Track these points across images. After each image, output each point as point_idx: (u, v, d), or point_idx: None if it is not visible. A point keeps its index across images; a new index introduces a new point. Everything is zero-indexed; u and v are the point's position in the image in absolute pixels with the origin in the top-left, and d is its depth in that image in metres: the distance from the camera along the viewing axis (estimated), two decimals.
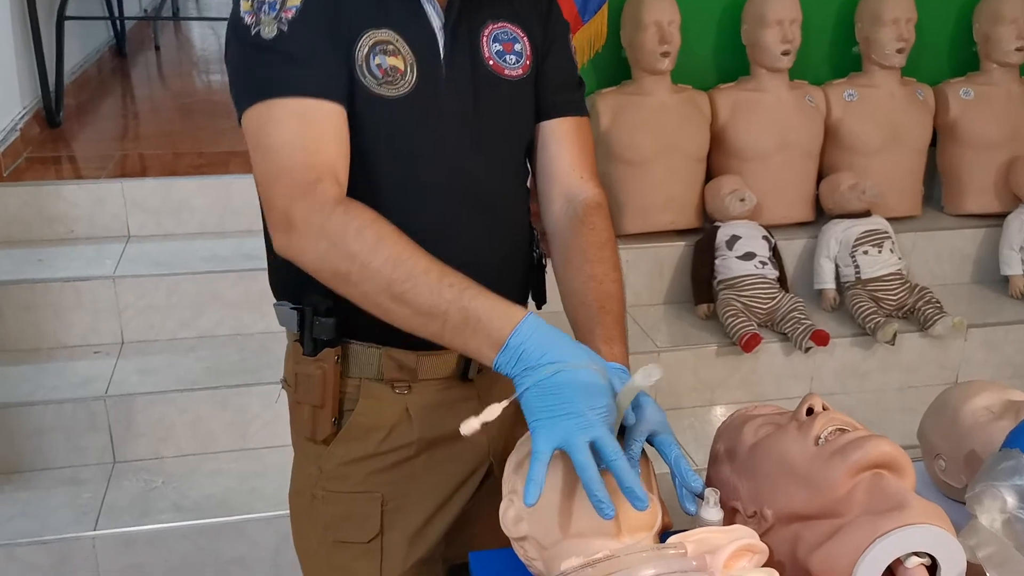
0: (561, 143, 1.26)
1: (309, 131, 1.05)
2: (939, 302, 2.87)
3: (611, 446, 0.92)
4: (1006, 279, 3.13)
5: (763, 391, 2.82)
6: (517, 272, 1.28)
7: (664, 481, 1.06)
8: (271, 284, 1.27)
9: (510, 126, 1.22)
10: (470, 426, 0.95)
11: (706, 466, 1.16)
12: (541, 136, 1.26)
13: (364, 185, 1.10)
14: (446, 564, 1.28)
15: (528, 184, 1.31)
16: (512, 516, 1.04)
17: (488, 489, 1.28)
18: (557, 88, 1.26)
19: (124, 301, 2.56)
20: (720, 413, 2.78)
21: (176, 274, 2.59)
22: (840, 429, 1.01)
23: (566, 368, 0.93)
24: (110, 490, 2.25)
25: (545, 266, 1.33)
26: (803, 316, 2.74)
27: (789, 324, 2.74)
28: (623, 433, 1.03)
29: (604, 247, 1.22)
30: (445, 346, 1.03)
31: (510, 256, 1.26)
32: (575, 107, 1.27)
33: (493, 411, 0.95)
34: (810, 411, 1.05)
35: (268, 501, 2.19)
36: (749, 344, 2.66)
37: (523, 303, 1.31)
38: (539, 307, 1.34)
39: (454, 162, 1.16)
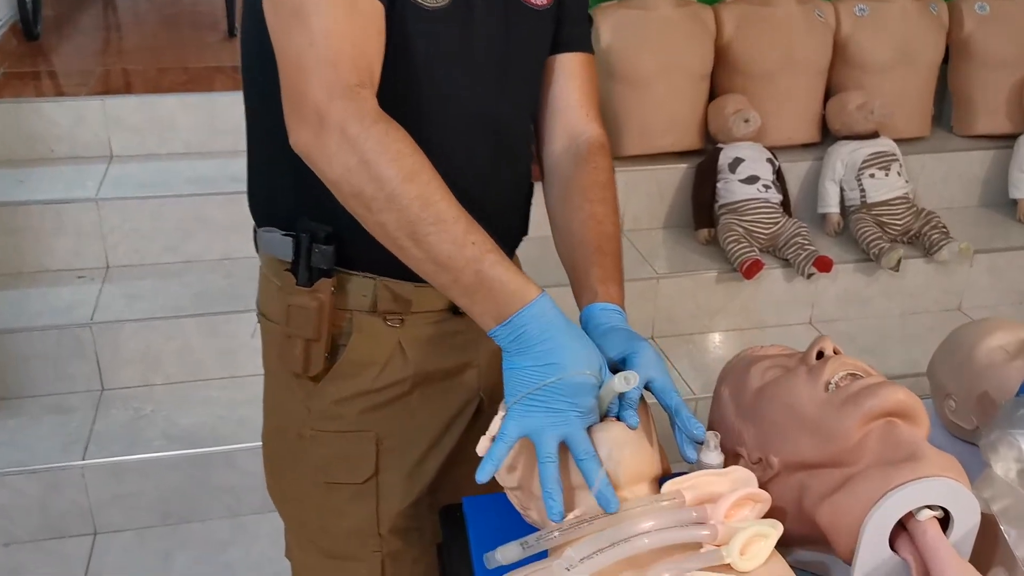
0: (570, 79, 1.21)
1: (358, 22, 0.96)
2: (945, 227, 2.81)
3: (582, 447, 0.90)
4: (1014, 202, 3.08)
5: (763, 318, 2.78)
6: (519, 202, 1.24)
7: (663, 425, 1.01)
8: (252, 207, 1.20)
9: (533, 57, 1.17)
10: (483, 446, 0.94)
11: (705, 395, 1.11)
12: (549, 70, 1.21)
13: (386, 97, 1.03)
14: (437, 505, 1.25)
15: None
16: (504, 465, 1.00)
17: (480, 426, 1.24)
18: (573, 21, 1.20)
19: (108, 224, 2.49)
20: (719, 340, 2.74)
21: (161, 196, 2.53)
22: (852, 375, 0.96)
23: (562, 375, 0.91)
24: (98, 418, 2.22)
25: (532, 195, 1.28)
26: (806, 242, 2.69)
27: (791, 250, 2.69)
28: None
29: (606, 188, 1.18)
30: (447, 295, 0.99)
31: (518, 185, 1.22)
32: (586, 42, 1.23)
33: (497, 424, 0.94)
34: (820, 355, 1.00)
35: (258, 430, 2.15)
36: (750, 271, 2.61)
37: (523, 232, 1.27)
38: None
39: (478, 88, 1.10)
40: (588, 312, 1.09)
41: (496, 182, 1.16)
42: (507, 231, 1.22)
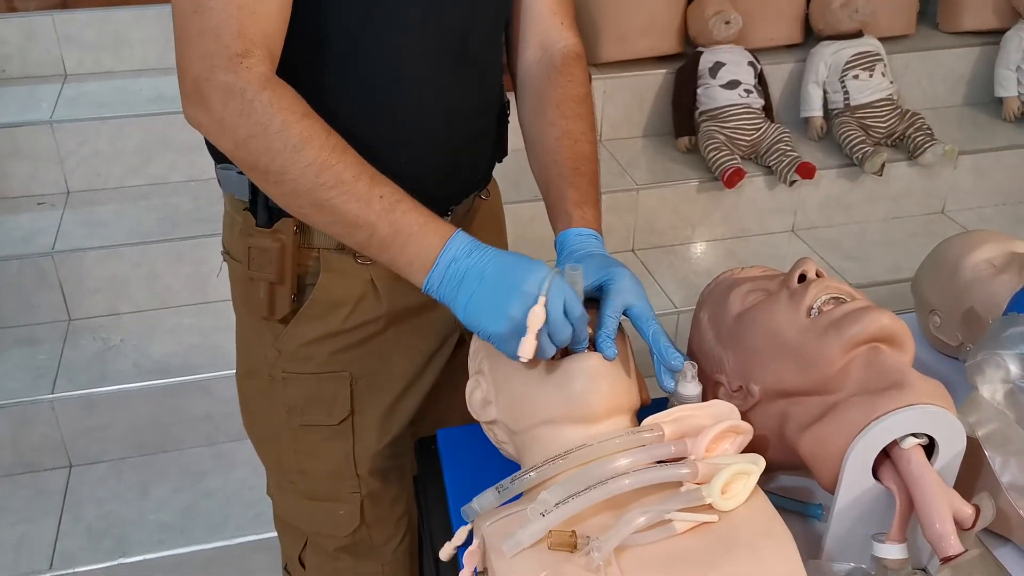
0: None
1: None
2: (930, 129, 2.75)
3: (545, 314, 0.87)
4: (1000, 101, 3.01)
5: (745, 227, 2.74)
6: (491, 125, 1.17)
7: (636, 349, 0.98)
8: (209, 143, 1.13)
9: None
10: (447, 552, 0.90)
11: (687, 307, 1.08)
12: None
13: (335, 45, 0.97)
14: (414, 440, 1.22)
15: None
16: (479, 399, 0.97)
17: (460, 360, 1.20)
18: None
19: (65, 148, 2.40)
20: (701, 251, 2.70)
21: (120, 116, 2.42)
22: (835, 299, 0.93)
23: (494, 263, 0.89)
24: (66, 349, 2.17)
25: (508, 115, 1.20)
26: (788, 148, 2.63)
27: (774, 156, 2.63)
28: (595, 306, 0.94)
29: (582, 102, 1.12)
30: (369, 255, 0.95)
31: (488, 105, 1.14)
32: None
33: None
34: (803, 278, 0.95)
35: (232, 358, 2.12)
36: (732, 179, 2.55)
37: (498, 158, 1.21)
38: (500, 160, 1.22)
39: (436, 10, 1.01)
40: (563, 237, 1.05)
41: (463, 103, 1.09)
42: (480, 157, 1.16)
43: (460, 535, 0.87)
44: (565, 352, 0.91)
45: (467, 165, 1.12)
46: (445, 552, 0.87)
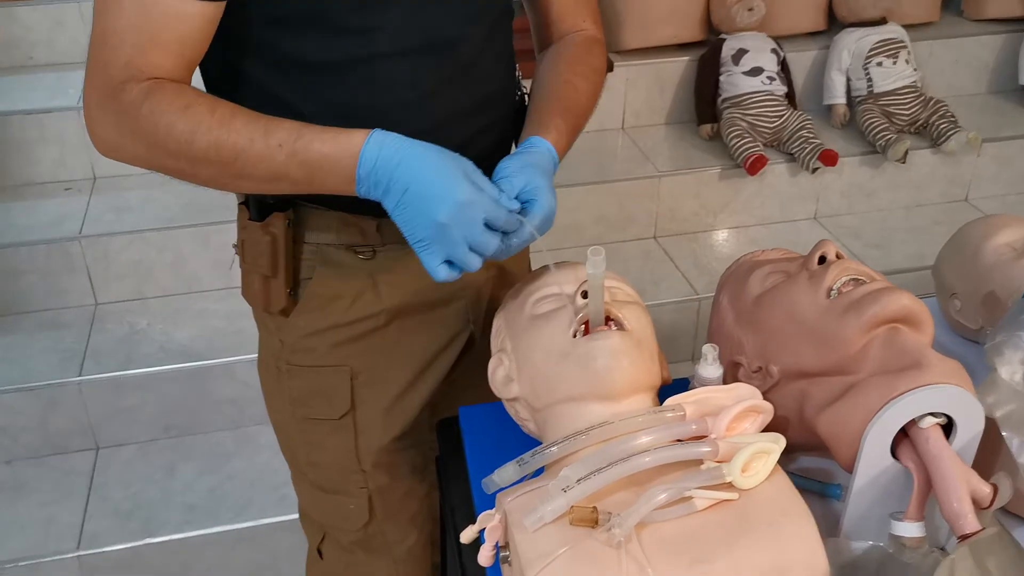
0: None
1: (146, 27, 0.90)
2: (954, 116, 2.73)
3: (487, 241, 0.90)
4: (1023, 89, 2.98)
5: (767, 214, 2.73)
6: (495, 118, 1.12)
7: (659, 336, 0.98)
8: None
9: None
10: (468, 536, 0.89)
11: (708, 294, 1.08)
12: None
13: (310, 70, 0.97)
14: (424, 438, 1.22)
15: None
16: (502, 376, 0.98)
17: (471, 358, 1.20)
18: None
19: None
20: (723, 238, 2.70)
21: None
22: (855, 280, 0.93)
23: (414, 179, 0.89)
24: (94, 333, 2.20)
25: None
26: (811, 135, 2.61)
27: (796, 144, 2.62)
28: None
29: (596, 72, 1.12)
30: (299, 197, 1.00)
31: (489, 105, 1.10)
32: None
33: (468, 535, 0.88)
34: (823, 259, 0.96)
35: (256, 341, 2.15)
36: (754, 166, 2.55)
37: (510, 146, 1.19)
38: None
39: (420, 20, 0.99)
40: (534, 142, 1.02)
41: (455, 103, 1.04)
42: (486, 149, 1.09)
43: (483, 520, 0.86)
44: (588, 330, 0.92)
45: (473, 158, 1.10)
46: (466, 535, 0.87)
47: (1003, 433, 0.91)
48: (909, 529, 0.82)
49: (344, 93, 0.98)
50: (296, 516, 1.35)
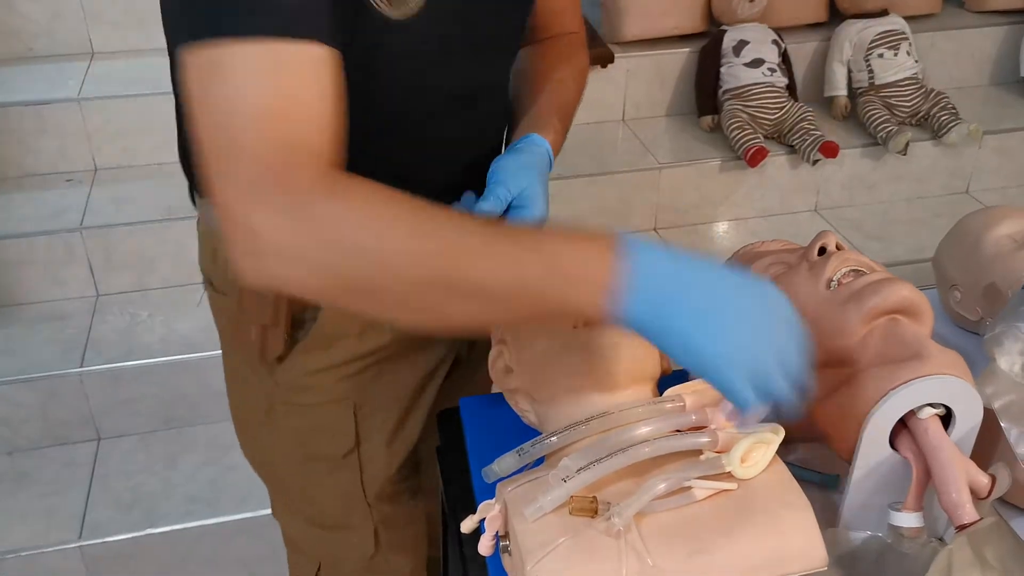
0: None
1: (283, 88, 0.70)
2: (955, 108, 2.73)
3: None
4: None
5: (768, 206, 2.73)
6: (495, 142, 1.10)
7: None
8: (187, 169, 1.01)
9: (519, 19, 1.03)
10: (468, 525, 0.86)
11: None
12: None
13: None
14: (424, 461, 1.20)
15: None
16: (501, 367, 0.98)
17: (457, 378, 1.18)
18: None
19: (92, 125, 2.42)
20: (723, 230, 2.70)
21: (147, 95, 2.43)
22: (855, 271, 0.93)
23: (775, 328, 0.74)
24: (95, 324, 2.20)
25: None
26: (812, 127, 2.61)
27: (797, 135, 2.62)
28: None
29: (584, 75, 1.12)
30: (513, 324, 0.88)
31: (493, 150, 1.07)
32: None
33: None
34: (823, 250, 0.96)
35: None
36: (755, 158, 2.55)
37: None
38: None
39: (450, 69, 0.95)
40: (533, 139, 1.00)
41: (463, 136, 1.03)
42: (486, 163, 1.06)
43: (483, 510, 0.85)
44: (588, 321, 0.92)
45: (467, 149, 1.06)
46: (467, 525, 0.88)
47: (1001, 424, 0.91)
48: (908, 519, 0.82)
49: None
50: None
